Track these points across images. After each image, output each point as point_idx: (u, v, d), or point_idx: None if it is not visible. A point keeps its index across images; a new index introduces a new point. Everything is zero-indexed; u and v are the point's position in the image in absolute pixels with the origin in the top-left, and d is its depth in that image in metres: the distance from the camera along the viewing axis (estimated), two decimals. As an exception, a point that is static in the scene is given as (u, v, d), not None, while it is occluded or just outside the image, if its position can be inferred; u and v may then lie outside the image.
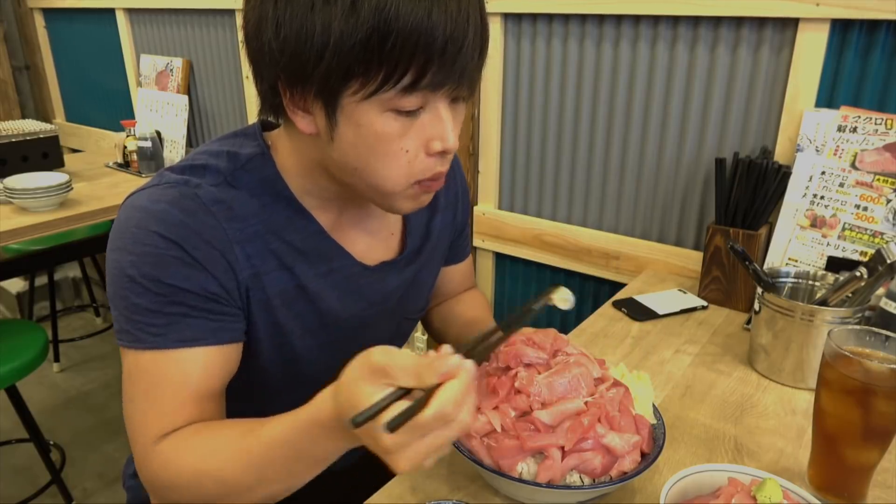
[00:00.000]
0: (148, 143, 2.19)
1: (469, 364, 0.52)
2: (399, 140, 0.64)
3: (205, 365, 0.68)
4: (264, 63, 0.65)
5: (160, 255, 0.65)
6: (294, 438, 0.60)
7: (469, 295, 1.10)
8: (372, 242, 0.83)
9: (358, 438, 0.55)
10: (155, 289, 0.65)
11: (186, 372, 0.67)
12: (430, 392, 0.49)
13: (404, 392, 0.51)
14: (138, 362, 0.67)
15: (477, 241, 1.69)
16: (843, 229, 1.11)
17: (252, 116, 2.14)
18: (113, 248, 0.67)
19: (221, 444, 0.64)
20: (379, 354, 0.52)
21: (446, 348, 0.54)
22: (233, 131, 0.79)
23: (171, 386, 0.67)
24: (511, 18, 1.48)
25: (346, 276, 0.79)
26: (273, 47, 0.62)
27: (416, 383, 0.51)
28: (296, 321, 0.77)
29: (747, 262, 0.97)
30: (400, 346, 0.97)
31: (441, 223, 0.93)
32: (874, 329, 0.71)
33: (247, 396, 0.85)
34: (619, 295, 1.27)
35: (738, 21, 1.19)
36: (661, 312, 1.17)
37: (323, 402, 0.57)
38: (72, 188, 1.84)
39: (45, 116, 3.07)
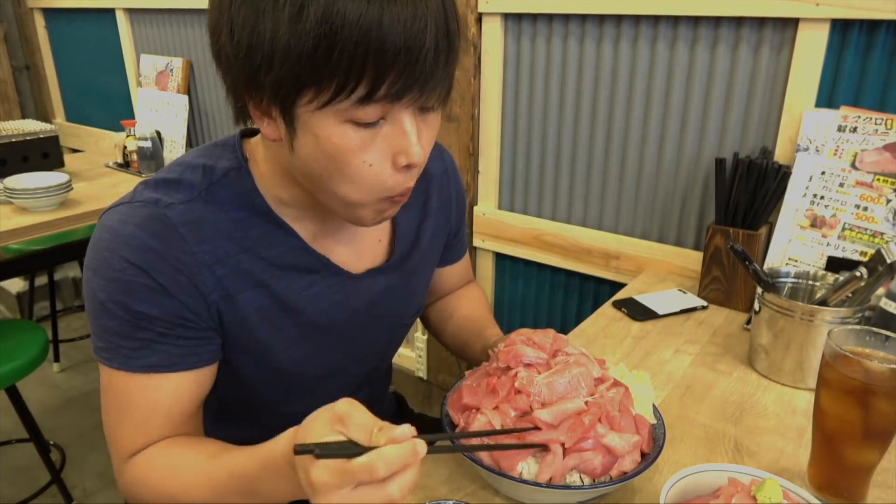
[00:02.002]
0: (148, 143, 2.19)
1: (420, 443, 0.51)
2: (360, 153, 0.61)
3: (174, 390, 0.70)
4: (223, 66, 0.63)
5: (128, 281, 0.65)
6: (250, 472, 0.60)
7: (467, 290, 1.09)
8: (358, 250, 0.82)
9: (299, 480, 0.54)
10: (124, 314, 0.66)
11: (156, 397, 0.69)
12: (371, 449, 0.50)
13: (352, 446, 0.51)
14: (111, 379, 0.69)
15: (477, 241, 1.69)
16: (843, 229, 1.11)
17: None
18: (87, 266, 0.68)
19: (187, 466, 0.66)
20: (343, 404, 0.53)
21: (407, 427, 0.53)
22: (213, 141, 0.77)
23: (140, 407, 0.69)
24: (511, 18, 1.48)
25: (330, 285, 0.78)
26: (228, 51, 0.60)
27: (365, 440, 0.51)
28: (277, 335, 0.76)
29: (747, 262, 0.97)
30: (395, 350, 0.97)
31: (432, 227, 0.91)
32: (874, 329, 0.70)
33: (243, 412, 0.85)
34: (619, 295, 1.27)
35: (738, 21, 1.19)
36: (661, 312, 1.17)
37: (280, 439, 0.58)
38: (72, 188, 1.84)
39: (45, 116, 3.07)
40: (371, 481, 0.50)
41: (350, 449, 0.50)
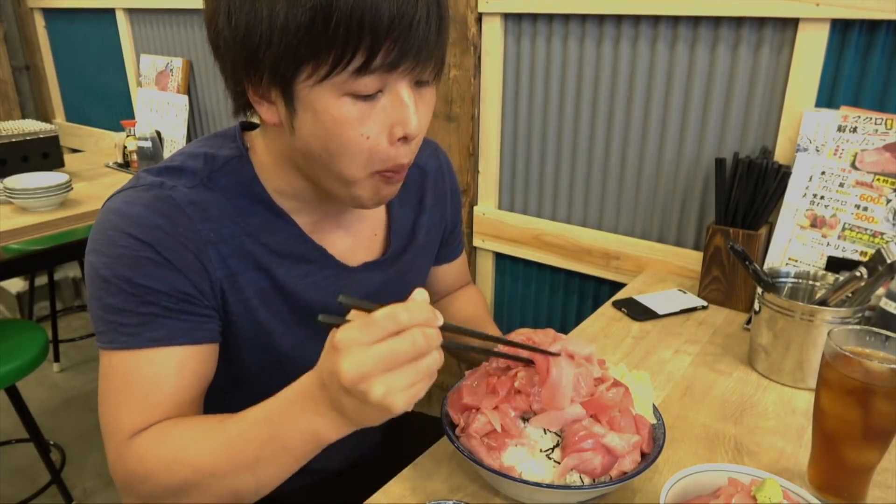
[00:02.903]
0: (148, 143, 2.20)
1: (437, 311, 0.54)
2: (358, 125, 0.63)
3: (178, 365, 0.68)
4: (222, 52, 0.65)
5: (133, 256, 0.65)
6: (272, 414, 0.60)
7: (465, 292, 1.09)
8: (354, 243, 0.83)
9: (329, 408, 0.56)
10: (128, 289, 0.65)
11: (160, 371, 0.67)
12: None
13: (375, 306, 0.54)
14: (112, 362, 0.67)
15: (477, 241, 1.69)
16: (843, 229, 1.11)
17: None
18: (89, 250, 0.68)
19: (199, 432, 0.64)
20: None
21: (422, 290, 0.56)
22: (213, 132, 0.79)
23: (144, 384, 0.67)
24: (511, 18, 1.48)
25: (327, 276, 0.79)
26: (227, 35, 0.62)
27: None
28: (275, 319, 0.76)
29: (747, 262, 0.97)
30: None
31: (428, 223, 0.92)
32: (874, 329, 0.70)
33: (237, 401, 0.84)
34: (619, 295, 1.27)
35: (738, 21, 1.19)
36: (661, 312, 1.17)
37: (307, 376, 0.59)
38: (72, 188, 1.84)
39: (45, 116, 3.07)
40: (395, 329, 0.52)
41: (372, 305, 0.53)
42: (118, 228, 0.66)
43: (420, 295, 0.55)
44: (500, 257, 1.71)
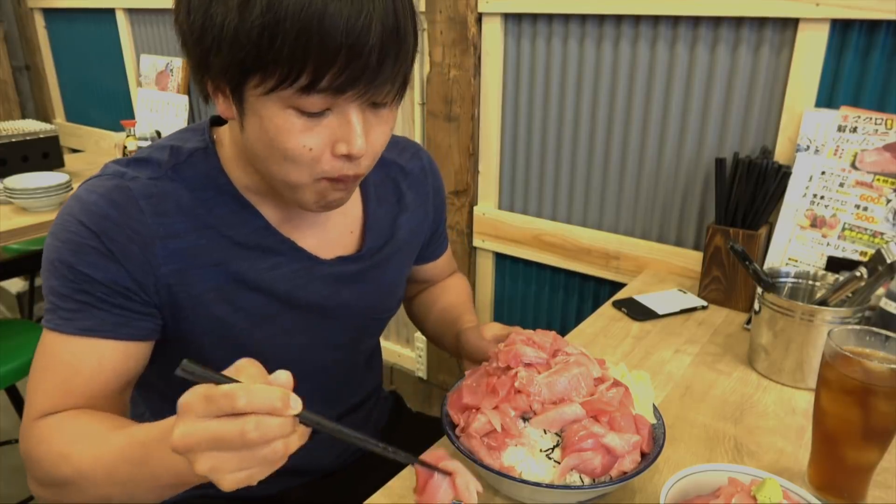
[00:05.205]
0: (148, 143, 2.19)
1: (295, 397, 0.49)
2: (301, 136, 0.63)
3: (100, 357, 0.69)
4: (183, 44, 0.65)
5: (78, 242, 0.67)
6: (149, 439, 0.58)
7: (449, 280, 1.10)
8: (327, 237, 0.82)
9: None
10: (68, 274, 0.67)
11: (80, 361, 0.68)
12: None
13: (230, 380, 0.49)
14: (45, 340, 0.69)
15: (477, 241, 1.69)
16: (843, 229, 1.11)
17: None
18: (49, 233, 0.70)
19: (92, 432, 0.65)
20: (243, 360, 0.52)
21: (285, 375, 0.51)
22: (184, 127, 0.79)
23: (63, 370, 0.68)
24: (511, 18, 1.48)
25: (297, 269, 0.78)
26: (185, 30, 0.63)
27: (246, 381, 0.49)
28: (237, 315, 0.76)
29: (747, 262, 0.97)
30: (369, 344, 0.96)
31: (408, 223, 0.91)
32: (874, 329, 0.71)
33: None
34: (619, 295, 1.27)
35: (738, 21, 1.19)
36: (661, 312, 1.17)
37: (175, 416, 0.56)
38: (72, 188, 1.84)
39: (45, 116, 3.07)
40: (230, 410, 0.47)
41: (224, 378, 0.48)
42: (72, 214, 0.68)
43: (281, 378, 0.50)
44: (500, 257, 1.71)
